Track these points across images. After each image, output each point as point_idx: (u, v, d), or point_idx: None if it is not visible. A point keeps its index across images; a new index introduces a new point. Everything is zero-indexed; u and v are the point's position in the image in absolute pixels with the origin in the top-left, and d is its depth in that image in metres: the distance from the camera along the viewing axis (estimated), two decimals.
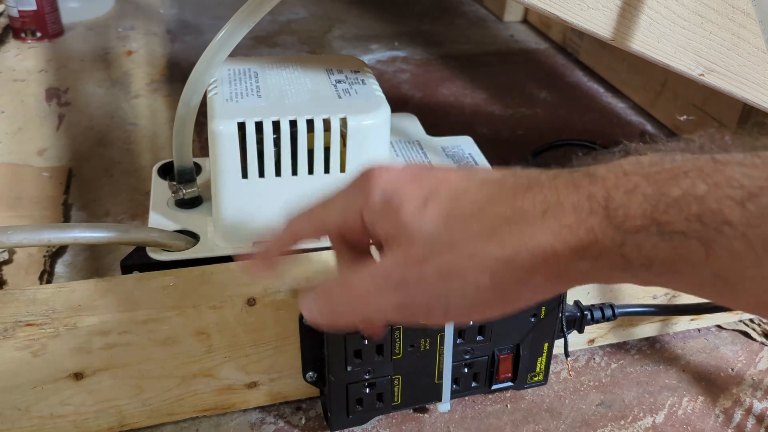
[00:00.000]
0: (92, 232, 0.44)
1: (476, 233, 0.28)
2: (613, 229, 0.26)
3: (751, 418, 0.49)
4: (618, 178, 0.26)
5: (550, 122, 0.89)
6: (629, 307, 0.50)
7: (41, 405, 0.42)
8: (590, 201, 0.26)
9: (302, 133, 0.45)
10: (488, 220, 0.28)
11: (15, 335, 0.39)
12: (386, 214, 0.29)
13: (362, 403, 0.45)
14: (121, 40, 1.08)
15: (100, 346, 0.41)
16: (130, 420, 0.45)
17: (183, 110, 0.48)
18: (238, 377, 0.45)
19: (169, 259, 0.47)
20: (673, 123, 0.88)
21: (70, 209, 0.68)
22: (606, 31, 0.45)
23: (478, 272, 0.28)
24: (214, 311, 0.42)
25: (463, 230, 0.28)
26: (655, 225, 0.25)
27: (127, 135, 0.81)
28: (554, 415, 0.49)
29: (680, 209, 0.24)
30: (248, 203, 0.47)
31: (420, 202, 0.29)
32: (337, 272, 0.34)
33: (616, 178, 0.26)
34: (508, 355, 0.47)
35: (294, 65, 0.52)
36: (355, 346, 0.42)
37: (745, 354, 0.55)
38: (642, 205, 0.25)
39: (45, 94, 0.89)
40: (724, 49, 0.48)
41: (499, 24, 1.24)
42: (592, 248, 0.26)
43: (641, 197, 0.25)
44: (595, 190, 0.26)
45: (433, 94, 0.96)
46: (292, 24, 1.19)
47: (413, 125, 0.59)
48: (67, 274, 0.59)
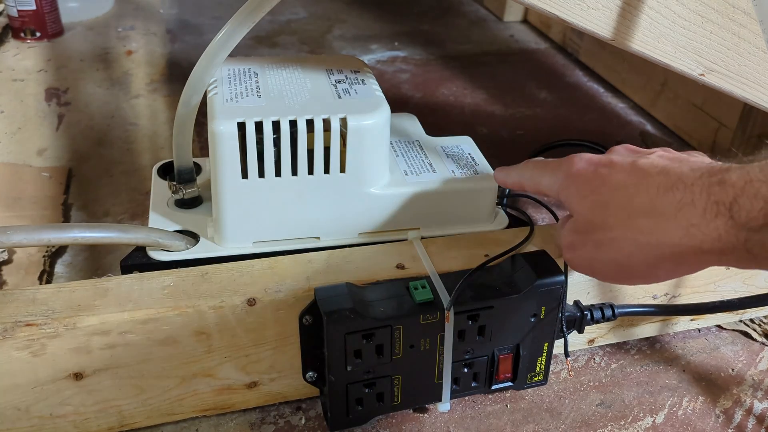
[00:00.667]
0: (92, 232, 0.44)
1: (622, 221, 0.37)
2: (736, 228, 0.32)
3: (752, 419, 0.49)
4: (745, 183, 0.32)
5: (550, 122, 0.89)
6: (629, 307, 0.50)
7: (41, 405, 0.42)
8: (718, 205, 0.33)
9: (302, 133, 0.45)
10: (632, 211, 0.36)
11: (15, 335, 0.39)
12: (567, 197, 0.41)
13: (362, 403, 0.45)
14: (121, 40, 1.08)
15: (100, 346, 0.41)
16: (130, 420, 0.45)
17: (183, 110, 0.48)
18: (238, 377, 0.45)
19: (169, 259, 0.47)
20: (673, 123, 0.88)
21: (69, 209, 0.68)
22: (606, 31, 0.45)
23: (616, 251, 0.38)
24: (214, 311, 0.42)
25: (614, 217, 0.38)
26: None
27: (127, 135, 0.81)
28: (554, 415, 0.49)
29: None
30: (248, 203, 0.47)
31: (586, 191, 0.40)
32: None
33: (744, 184, 0.32)
34: (508, 355, 0.47)
35: (294, 65, 0.52)
36: (355, 346, 0.42)
37: (745, 354, 0.55)
38: (763, 207, 0.31)
39: (44, 94, 0.89)
40: (724, 48, 0.48)
41: (499, 24, 1.24)
42: (716, 245, 0.33)
43: (762, 201, 0.31)
44: (724, 196, 0.32)
45: (433, 94, 0.96)
46: (292, 24, 1.19)
47: (413, 125, 0.59)
48: (67, 274, 0.59)
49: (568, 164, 0.42)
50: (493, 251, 0.47)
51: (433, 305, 0.42)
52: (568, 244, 0.42)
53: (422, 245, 0.48)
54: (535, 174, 0.45)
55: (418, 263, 0.46)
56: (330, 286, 0.43)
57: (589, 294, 0.50)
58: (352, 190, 0.48)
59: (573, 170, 0.41)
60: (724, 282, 0.54)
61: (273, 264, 0.45)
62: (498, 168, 0.50)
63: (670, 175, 0.36)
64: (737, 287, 0.54)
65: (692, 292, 0.53)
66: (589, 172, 0.40)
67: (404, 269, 0.46)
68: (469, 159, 0.54)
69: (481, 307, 0.43)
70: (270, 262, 0.46)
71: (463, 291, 0.43)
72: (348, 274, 0.45)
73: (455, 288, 0.42)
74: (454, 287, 0.42)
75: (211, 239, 0.49)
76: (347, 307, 0.41)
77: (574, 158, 0.42)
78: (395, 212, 0.50)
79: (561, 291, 0.45)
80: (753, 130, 0.76)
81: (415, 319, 0.42)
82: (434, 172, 0.52)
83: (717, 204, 0.33)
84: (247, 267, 0.45)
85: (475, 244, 0.49)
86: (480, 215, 0.52)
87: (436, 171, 0.52)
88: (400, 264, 0.46)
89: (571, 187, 0.41)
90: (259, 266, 0.45)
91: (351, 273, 0.45)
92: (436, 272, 0.45)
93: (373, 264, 0.46)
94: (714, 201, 0.33)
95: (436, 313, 0.42)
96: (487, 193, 0.52)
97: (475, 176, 0.52)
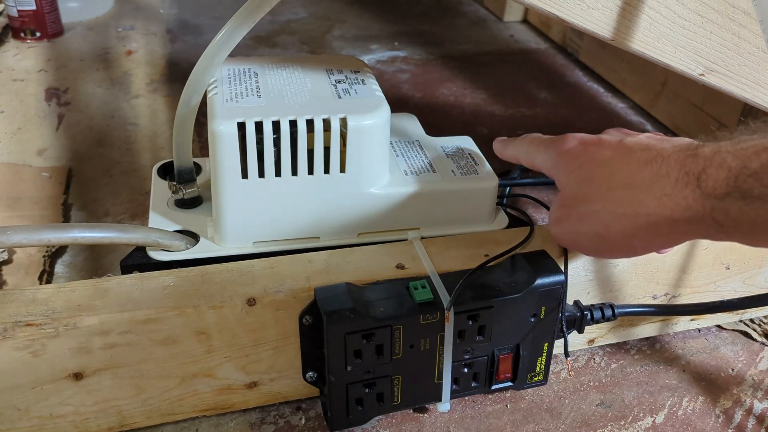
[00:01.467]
0: (92, 232, 0.44)
1: (602, 194, 0.39)
2: (703, 197, 0.33)
3: (752, 419, 0.49)
4: (714, 153, 0.33)
5: (550, 122, 0.89)
6: (629, 307, 0.50)
7: (41, 405, 0.42)
8: (688, 175, 0.34)
9: (302, 133, 0.45)
10: (613, 184, 0.38)
11: (15, 335, 0.39)
12: (557, 174, 0.43)
13: (362, 403, 0.45)
14: (120, 40, 1.08)
15: (100, 346, 0.41)
16: (130, 420, 0.45)
17: (183, 110, 0.48)
18: (238, 377, 0.45)
19: (169, 259, 0.47)
20: (673, 123, 0.88)
21: (69, 209, 0.68)
22: (606, 31, 0.45)
23: (597, 223, 0.39)
24: (214, 311, 0.42)
25: (595, 190, 0.39)
26: (738, 192, 0.32)
27: (127, 135, 0.81)
28: (554, 415, 0.49)
29: (759, 178, 0.31)
30: (248, 203, 0.47)
31: (574, 167, 0.41)
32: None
33: (713, 154, 0.33)
34: (508, 355, 0.47)
35: (294, 65, 0.52)
36: (355, 346, 0.42)
37: (745, 354, 0.55)
38: (727, 176, 0.32)
39: (44, 94, 0.89)
40: (724, 48, 0.48)
41: (499, 24, 1.24)
42: (685, 213, 0.34)
43: (727, 170, 0.32)
44: (695, 167, 0.34)
45: (433, 94, 0.96)
46: (292, 24, 1.19)
47: (413, 125, 0.59)
48: (67, 274, 0.59)
49: (561, 142, 0.44)
50: (493, 251, 0.47)
51: (433, 305, 0.42)
52: (554, 219, 0.43)
53: (422, 245, 0.48)
54: (531, 150, 0.47)
55: (418, 263, 0.46)
56: (330, 286, 0.43)
57: (589, 294, 0.50)
58: (352, 190, 0.48)
59: (564, 148, 0.43)
60: (724, 282, 0.54)
61: (273, 264, 0.45)
62: (497, 138, 0.51)
63: (651, 150, 0.37)
64: (737, 287, 0.54)
65: (692, 292, 0.53)
66: (578, 149, 0.42)
67: (404, 269, 0.46)
68: (469, 159, 0.54)
69: (481, 307, 0.43)
70: (270, 262, 0.46)
71: (463, 291, 0.43)
72: (348, 274, 0.45)
73: (455, 288, 0.42)
74: (454, 287, 0.43)
75: (211, 239, 0.49)
76: (347, 307, 0.41)
77: (567, 137, 0.44)
78: (395, 212, 0.50)
79: (561, 291, 0.45)
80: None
81: (415, 319, 0.42)
82: (434, 172, 0.52)
83: (687, 174, 0.34)
84: (247, 267, 0.45)
85: (475, 244, 0.49)
86: (480, 215, 0.52)
87: (436, 171, 0.52)
88: (400, 264, 0.46)
89: (561, 164, 0.43)
90: (259, 266, 0.45)
91: (351, 273, 0.45)
92: (436, 272, 0.45)
93: (373, 264, 0.46)
94: (685, 172, 0.34)
95: (436, 313, 0.42)
96: (487, 193, 0.52)
97: (475, 176, 0.52)
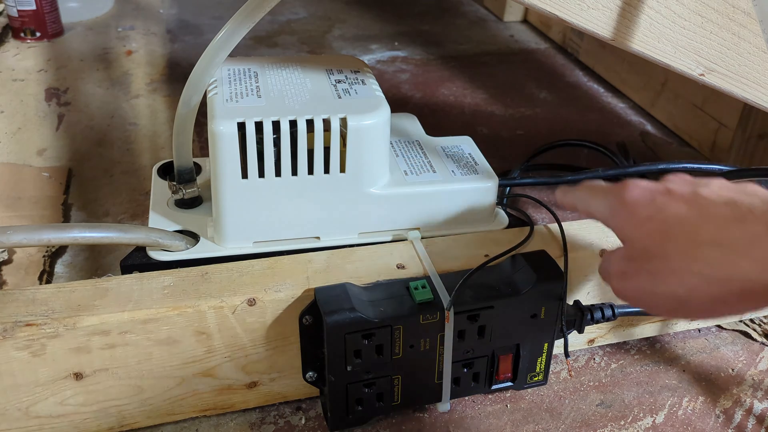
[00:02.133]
0: (92, 232, 0.44)
1: (684, 251, 0.34)
2: None
3: (752, 419, 0.49)
4: None
5: (550, 122, 0.89)
6: (629, 307, 0.49)
7: (41, 405, 0.42)
8: None
9: (302, 133, 0.45)
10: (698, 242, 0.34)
11: (15, 335, 0.39)
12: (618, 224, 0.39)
13: (362, 403, 0.45)
14: (120, 40, 1.08)
15: (100, 346, 0.41)
16: (130, 420, 0.45)
17: (183, 110, 0.48)
18: (238, 377, 0.45)
19: (169, 259, 0.47)
20: (673, 123, 0.88)
21: (69, 209, 0.68)
22: (606, 31, 0.45)
23: (677, 284, 0.34)
24: (214, 311, 0.42)
25: (674, 247, 0.35)
26: None
27: (127, 135, 0.81)
28: (554, 415, 0.49)
29: None
30: (248, 203, 0.47)
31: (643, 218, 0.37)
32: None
33: None
34: (508, 355, 0.47)
35: (294, 65, 0.52)
36: (355, 346, 0.42)
37: (745, 354, 0.55)
38: None
39: (44, 94, 0.89)
40: (724, 48, 0.48)
41: (499, 24, 1.24)
42: None
43: None
44: None
45: (433, 94, 0.96)
46: (292, 24, 1.19)
47: (413, 125, 0.59)
48: (67, 274, 0.59)
49: (620, 189, 0.40)
50: (493, 251, 0.47)
51: (433, 305, 0.42)
52: (619, 272, 0.39)
53: (422, 245, 0.48)
54: (586, 196, 0.43)
55: (418, 263, 0.46)
56: (330, 286, 0.43)
57: (589, 294, 0.50)
58: (352, 190, 0.48)
59: (626, 196, 0.39)
60: None
61: (273, 264, 0.45)
62: (559, 188, 0.48)
63: (738, 206, 0.34)
64: None
65: None
66: (645, 199, 0.38)
67: (404, 269, 0.46)
68: (469, 159, 0.54)
69: (481, 307, 0.43)
70: (270, 262, 0.46)
71: (463, 291, 0.43)
72: (348, 274, 0.45)
73: (455, 288, 0.42)
74: (454, 287, 0.43)
75: (211, 239, 0.49)
76: (347, 307, 0.41)
77: (628, 183, 0.40)
78: (395, 212, 0.50)
79: (561, 291, 0.45)
80: (753, 130, 0.76)
81: (415, 319, 0.42)
82: (434, 172, 0.52)
83: None
84: (247, 267, 0.45)
85: (475, 244, 0.49)
86: (480, 215, 0.52)
87: (436, 171, 0.52)
88: (400, 264, 0.46)
89: (624, 213, 0.39)
90: (259, 266, 0.45)
91: (351, 273, 0.45)
92: (436, 272, 0.45)
93: (373, 264, 0.46)
94: None
95: (436, 313, 0.42)
96: (487, 193, 0.52)
97: (475, 176, 0.52)
